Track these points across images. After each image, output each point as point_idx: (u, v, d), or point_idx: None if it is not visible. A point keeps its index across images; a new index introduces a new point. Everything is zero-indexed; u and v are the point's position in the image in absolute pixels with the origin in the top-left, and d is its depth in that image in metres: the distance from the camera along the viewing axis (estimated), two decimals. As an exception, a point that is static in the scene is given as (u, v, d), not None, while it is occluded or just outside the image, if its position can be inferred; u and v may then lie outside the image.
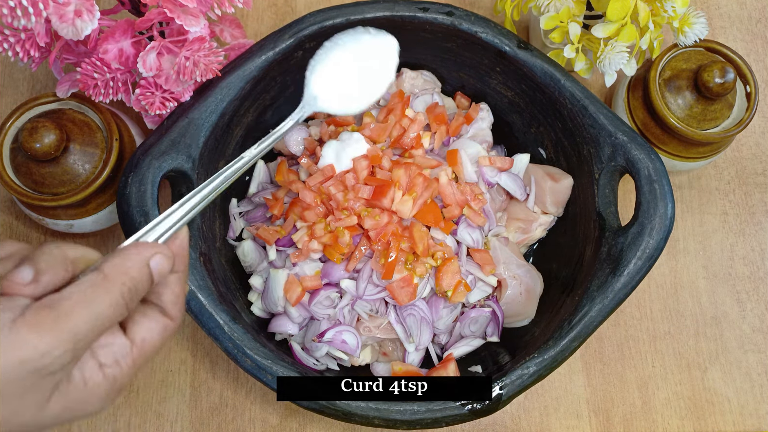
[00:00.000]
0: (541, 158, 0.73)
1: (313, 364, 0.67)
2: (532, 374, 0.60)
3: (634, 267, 0.61)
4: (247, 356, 0.59)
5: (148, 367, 0.72)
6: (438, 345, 0.69)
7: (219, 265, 0.66)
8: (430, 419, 0.59)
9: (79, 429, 0.70)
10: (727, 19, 0.85)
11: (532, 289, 0.68)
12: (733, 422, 0.72)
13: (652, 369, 0.74)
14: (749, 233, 0.78)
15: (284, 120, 0.75)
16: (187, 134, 0.63)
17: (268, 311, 0.68)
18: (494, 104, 0.74)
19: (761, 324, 0.75)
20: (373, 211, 0.63)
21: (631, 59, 0.66)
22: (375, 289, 0.65)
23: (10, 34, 0.59)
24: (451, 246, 0.66)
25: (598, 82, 0.82)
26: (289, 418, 0.71)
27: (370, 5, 0.68)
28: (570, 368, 0.73)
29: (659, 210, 0.61)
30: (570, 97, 0.66)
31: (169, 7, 0.58)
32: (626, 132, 0.64)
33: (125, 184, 0.60)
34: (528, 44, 0.68)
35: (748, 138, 0.81)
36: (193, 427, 0.71)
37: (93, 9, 0.57)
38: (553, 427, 0.72)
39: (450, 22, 0.68)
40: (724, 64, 0.67)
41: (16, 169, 0.67)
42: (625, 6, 0.62)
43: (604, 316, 0.61)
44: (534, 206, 0.71)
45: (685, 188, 0.79)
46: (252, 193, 0.73)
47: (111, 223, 0.73)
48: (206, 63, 0.62)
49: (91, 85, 0.62)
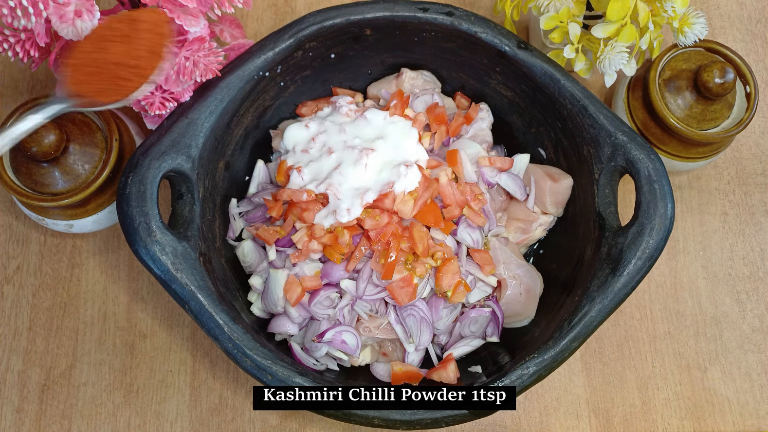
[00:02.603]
0: (541, 158, 0.73)
1: (313, 365, 0.67)
2: (531, 374, 0.60)
3: (634, 267, 0.61)
4: (247, 356, 0.59)
5: (148, 367, 0.72)
6: (438, 345, 0.69)
7: (219, 265, 0.66)
8: (429, 419, 0.59)
9: (78, 429, 0.70)
10: (726, 19, 0.85)
11: (532, 289, 0.68)
12: (733, 422, 0.72)
13: (652, 369, 0.74)
14: (749, 233, 0.78)
15: (284, 120, 0.75)
16: (187, 134, 0.63)
17: (268, 311, 0.68)
18: (494, 104, 0.74)
19: (761, 324, 0.75)
20: (373, 212, 0.63)
21: (631, 59, 0.66)
22: (375, 289, 0.65)
23: (10, 34, 0.59)
24: (451, 246, 0.67)
25: (598, 82, 0.82)
26: (288, 419, 0.71)
27: (370, 5, 0.68)
28: (570, 368, 0.73)
29: (659, 210, 0.61)
30: (570, 97, 0.66)
31: (169, 7, 0.58)
32: (626, 132, 0.64)
33: (125, 184, 0.60)
34: (528, 44, 0.68)
35: (748, 138, 0.81)
36: (193, 427, 0.71)
37: (93, 9, 0.57)
38: (553, 427, 0.72)
39: (450, 22, 0.68)
40: (723, 64, 0.67)
41: (16, 169, 0.67)
42: (625, 6, 0.62)
43: (604, 316, 0.61)
44: (534, 206, 0.71)
45: (685, 188, 0.79)
46: (252, 193, 0.73)
47: (111, 223, 0.73)
48: (206, 63, 0.62)
49: (91, 85, 0.62)
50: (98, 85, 0.56)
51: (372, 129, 0.67)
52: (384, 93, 0.74)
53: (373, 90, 0.75)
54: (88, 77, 0.57)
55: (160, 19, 0.58)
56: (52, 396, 0.71)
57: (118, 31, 0.57)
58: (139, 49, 0.57)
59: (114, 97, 0.57)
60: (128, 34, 0.57)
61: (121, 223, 0.60)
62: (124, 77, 0.56)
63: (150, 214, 0.60)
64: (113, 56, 0.57)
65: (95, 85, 0.56)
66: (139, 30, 0.57)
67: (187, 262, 0.60)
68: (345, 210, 0.63)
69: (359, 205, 0.63)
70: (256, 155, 0.74)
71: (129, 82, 0.56)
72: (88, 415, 0.71)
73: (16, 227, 0.76)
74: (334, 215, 0.63)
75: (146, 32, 0.57)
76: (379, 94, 0.74)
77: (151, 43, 0.57)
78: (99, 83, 0.56)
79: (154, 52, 0.57)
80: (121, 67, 0.57)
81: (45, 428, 0.70)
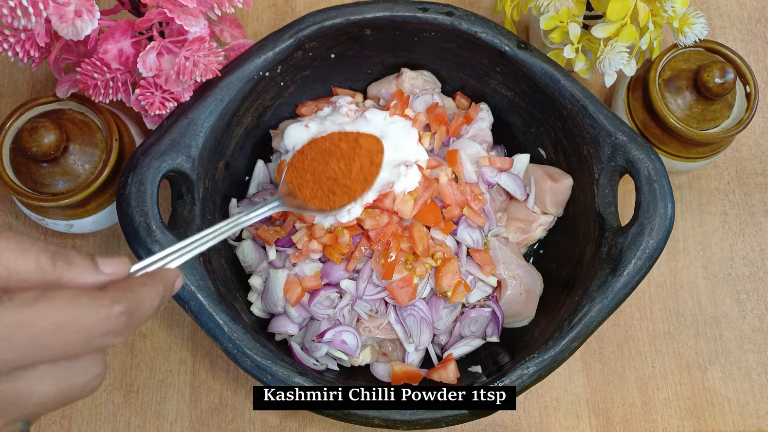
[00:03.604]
0: (541, 158, 0.73)
1: (313, 365, 0.67)
2: (531, 374, 0.60)
3: (634, 267, 0.61)
4: (246, 356, 0.59)
5: (148, 367, 0.72)
6: (438, 345, 0.69)
7: (219, 265, 0.66)
8: (429, 419, 0.59)
9: (78, 429, 0.70)
10: (726, 19, 0.85)
11: (532, 289, 0.68)
12: (733, 422, 0.72)
13: (652, 369, 0.74)
14: (749, 233, 0.78)
15: (284, 120, 0.75)
16: (187, 134, 0.63)
17: (268, 311, 0.68)
18: (494, 104, 0.74)
19: (761, 324, 0.75)
20: (373, 212, 0.63)
21: (631, 59, 0.66)
22: (375, 289, 0.65)
23: (10, 34, 0.59)
24: (451, 246, 0.67)
25: (598, 82, 0.82)
26: (288, 419, 0.71)
27: (370, 5, 0.68)
28: (570, 368, 0.73)
29: (659, 210, 0.61)
30: (570, 97, 0.66)
31: (169, 7, 0.58)
32: (626, 132, 0.64)
33: (125, 184, 0.60)
34: (528, 44, 0.68)
35: (748, 138, 0.81)
36: (193, 427, 0.71)
37: (93, 9, 0.57)
38: (553, 427, 0.72)
39: (450, 22, 0.68)
40: (723, 64, 0.67)
41: (16, 169, 0.67)
42: (625, 6, 0.62)
43: (604, 316, 0.61)
44: (534, 206, 0.71)
45: (685, 188, 0.79)
46: (252, 193, 0.73)
47: (111, 224, 0.73)
48: (206, 63, 0.62)
49: (90, 86, 0.62)
50: (312, 192, 0.61)
51: (372, 129, 0.67)
52: (384, 93, 0.74)
53: (373, 90, 0.75)
54: (305, 183, 0.61)
55: (377, 148, 0.63)
56: (52, 396, 0.71)
57: (340, 149, 0.62)
58: (355, 172, 0.62)
59: (321, 206, 0.61)
60: (349, 155, 0.62)
61: (121, 223, 0.60)
62: (335, 192, 0.61)
63: (150, 214, 0.60)
64: (332, 172, 0.61)
65: (309, 191, 0.61)
66: (358, 154, 0.62)
67: (187, 262, 0.59)
68: (345, 210, 0.63)
69: (359, 205, 0.63)
70: (256, 155, 0.74)
71: (339, 198, 0.61)
72: (88, 415, 0.71)
73: (16, 227, 0.76)
74: (334, 215, 0.63)
75: (364, 158, 0.62)
76: (379, 94, 0.74)
77: (366, 170, 0.62)
78: (313, 191, 0.61)
79: (367, 179, 0.62)
80: (335, 183, 0.61)
81: (45, 428, 0.70)
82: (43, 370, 0.33)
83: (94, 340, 0.34)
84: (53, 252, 0.35)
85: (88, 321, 0.34)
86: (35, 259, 0.35)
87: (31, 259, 0.34)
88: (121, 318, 0.35)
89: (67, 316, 0.33)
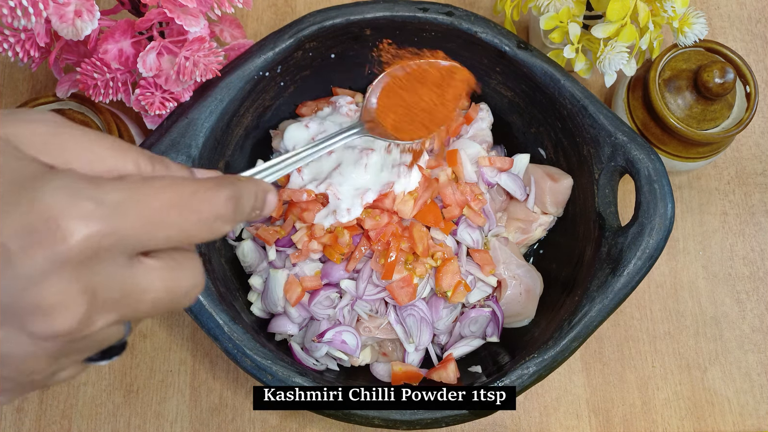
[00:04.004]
0: (541, 158, 0.73)
1: (313, 365, 0.67)
2: (531, 374, 0.60)
3: (634, 267, 0.61)
4: (246, 356, 0.59)
5: (148, 367, 0.72)
6: (438, 345, 0.69)
7: (219, 265, 0.66)
8: (429, 419, 0.59)
9: (78, 429, 0.70)
10: (726, 19, 0.85)
11: (532, 289, 0.68)
12: (733, 422, 0.72)
13: (652, 369, 0.74)
14: (749, 233, 0.78)
15: (284, 120, 0.75)
16: (187, 134, 0.63)
17: (268, 311, 0.68)
18: (494, 104, 0.74)
19: (761, 324, 0.75)
20: (373, 212, 0.63)
21: (631, 59, 0.66)
22: (375, 289, 0.65)
23: (10, 34, 0.59)
24: (451, 246, 0.67)
25: (598, 82, 0.82)
26: (288, 419, 0.71)
27: (370, 5, 0.68)
28: (570, 368, 0.73)
29: (659, 210, 0.61)
30: (570, 97, 0.66)
31: (169, 7, 0.58)
32: (626, 132, 0.64)
33: (125, 184, 0.60)
34: (528, 44, 0.68)
35: (748, 138, 0.81)
36: (193, 427, 0.71)
37: (93, 9, 0.57)
38: (553, 427, 0.72)
39: (450, 22, 0.68)
40: (723, 64, 0.67)
41: (15, 169, 0.67)
42: (625, 6, 0.62)
43: (604, 316, 0.61)
44: (534, 206, 0.71)
45: (685, 188, 0.79)
46: (252, 193, 0.73)
47: (111, 223, 0.73)
48: (206, 63, 0.62)
49: (91, 85, 0.62)
50: (399, 122, 0.58)
51: (372, 129, 0.67)
52: (384, 93, 0.74)
53: (373, 90, 0.75)
54: (392, 112, 0.58)
55: (470, 79, 0.60)
56: (52, 396, 0.71)
57: (432, 78, 0.59)
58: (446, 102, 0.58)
59: (406, 137, 0.58)
60: (441, 84, 0.59)
61: (121, 223, 0.60)
62: (423, 124, 0.58)
63: (150, 214, 0.59)
64: (423, 103, 0.58)
65: (396, 121, 0.58)
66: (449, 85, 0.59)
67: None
68: (345, 210, 0.63)
69: (359, 205, 0.63)
70: (256, 155, 0.74)
71: (425, 129, 0.58)
72: (88, 415, 0.71)
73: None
74: (334, 215, 0.63)
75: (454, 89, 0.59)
76: (379, 94, 0.74)
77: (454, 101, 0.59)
78: (400, 121, 0.58)
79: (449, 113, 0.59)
80: (425, 114, 0.58)
81: (45, 428, 0.70)
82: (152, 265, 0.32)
83: (207, 223, 0.33)
84: (150, 156, 0.34)
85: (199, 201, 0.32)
86: (134, 160, 0.33)
87: (130, 160, 0.33)
88: (229, 203, 0.34)
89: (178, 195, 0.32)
